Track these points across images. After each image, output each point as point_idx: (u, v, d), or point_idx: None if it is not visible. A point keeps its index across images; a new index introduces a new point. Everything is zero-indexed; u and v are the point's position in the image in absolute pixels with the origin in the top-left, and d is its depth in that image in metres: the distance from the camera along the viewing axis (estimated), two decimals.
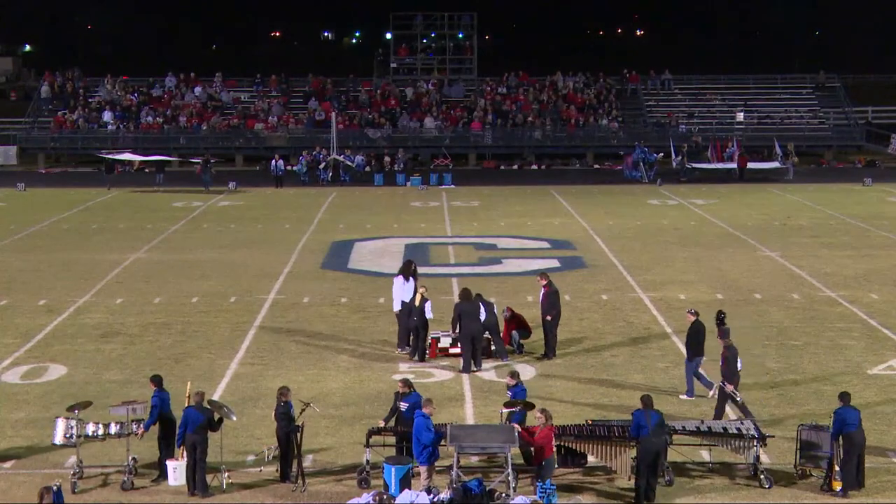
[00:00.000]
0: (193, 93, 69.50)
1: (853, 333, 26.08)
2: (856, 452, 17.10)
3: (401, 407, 17.89)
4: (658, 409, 17.19)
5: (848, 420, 17.16)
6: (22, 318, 27.75)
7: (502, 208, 47.49)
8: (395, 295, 24.85)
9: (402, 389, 18.07)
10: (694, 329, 21.77)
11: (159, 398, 17.77)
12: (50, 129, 66.35)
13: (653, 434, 16.72)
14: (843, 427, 17.10)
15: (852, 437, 17.15)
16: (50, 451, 18.48)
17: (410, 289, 24.70)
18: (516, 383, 18.66)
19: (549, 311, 23.96)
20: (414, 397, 17.86)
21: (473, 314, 23.25)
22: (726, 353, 19.87)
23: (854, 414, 17.26)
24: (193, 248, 37.63)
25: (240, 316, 27.87)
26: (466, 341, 23.13)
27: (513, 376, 18.88)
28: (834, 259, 35.05)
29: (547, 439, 16.77)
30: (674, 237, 39.55)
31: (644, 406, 17.01)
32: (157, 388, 17.92)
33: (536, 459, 16.86)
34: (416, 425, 16.87)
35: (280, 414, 17.45)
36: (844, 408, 17.27)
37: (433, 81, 70.89)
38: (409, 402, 17.79)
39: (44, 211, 46.28)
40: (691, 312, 22.16)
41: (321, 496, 16.97)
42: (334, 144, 58.20)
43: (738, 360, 19.96)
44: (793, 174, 56.64)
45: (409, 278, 24.84)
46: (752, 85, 72.17)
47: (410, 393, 17.99)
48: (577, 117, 67.17)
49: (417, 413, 17.06)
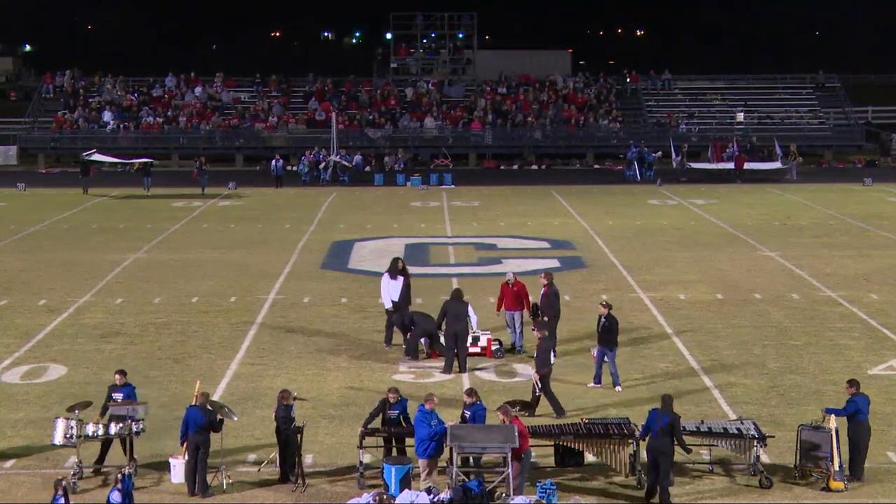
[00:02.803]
0: (193, 93, 69.52)
1: (853, 333, 26.08)
2: (865, 442, 17.26)
3: (390, 415, 17.82)
4: (676, 413, 17.07)
5: (862, 408, 17.40)
6: (22, 318, 27.75)
7: (502, 208, 47.49)
8: (383, 294, 24.98)
9: (392, 398, 17.95)
10: (608, 322, 21.92)
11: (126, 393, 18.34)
12: (50, 129, 66.37)
13: (658, 436, 16.74)
14: (857, 415, 17.26)
15: (863, 426, 17.37)
16: (50, 452, 18.48)
17: (398, 287, 24.69)
18: (474, 401, 17.77)
19: (547, 311, 23.94)
20: (402, 405, 17.88)
21: (461, 315, 23.11)
22: (542, 344, 20.39)
23: (866, 402, 17.57)
24: (193, 248, 37.64)
25: (240, 316, 27.87)
26: (450, 341, 23.05)
27: (469, 394, 18.03)
28: (834, 259, 35.05)
29: (522, 434, 16.75)
30: (674, 237, 39.55)
31: (661, 406, 17.02)
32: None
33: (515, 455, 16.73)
34: (415, 419, 17.03)
35: (281, 417, 17.46)
36: (860, 395, 17.53)
37: (433, 81, 70.90)
38: (398, 410, 17.81)
39: (44, 211, 46.28)
40: (604, 305, 22.35)
41: (321, 496, 16.98)
42: (334, 144, 58.22)
43: (552, 354, 20.50)
44: (796, 175, 56.48)
45: (396, 276, 24.87)
46: (752, 85, 72.19)
47: (399, 401, 17.93)
48: (577, 117, 67.18)
49: (419, 407, 17.12)
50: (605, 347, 21.90)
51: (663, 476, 16.60)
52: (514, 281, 24.51)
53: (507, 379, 22.77)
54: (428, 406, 17.13)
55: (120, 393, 18.35)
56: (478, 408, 17.71)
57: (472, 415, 17.58)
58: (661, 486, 16.60)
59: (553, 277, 24.72)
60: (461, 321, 23.05)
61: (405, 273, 25.34)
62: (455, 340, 22.98)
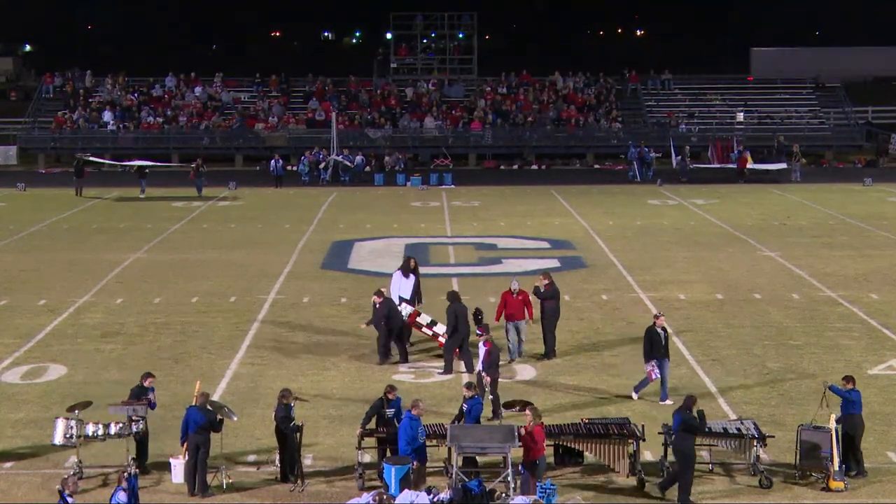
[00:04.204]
0: (193, 93, 69.51)
1: (853, 333, 26.08)
2: (860, 435, 17.43)
3: (386, 413, 17.87)
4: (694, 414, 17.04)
5: (857, 401, 17.58)
6: (22, 318, 27.75)
7: (502, 208, 47.49)
8: (393, 291, 24.90)
9: (391, 396, 18.02)
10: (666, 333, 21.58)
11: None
12: (50, 129, 66.38)
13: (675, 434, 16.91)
14: (852, 408, 17.35)
15: (857, 420, 17.47)
16: (50, 451, 18.50)
17: (409, 285, 24.70)
18: (473, 395, 17.96)
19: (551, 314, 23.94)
20: (396, 403, 17.93)
21: (466, 316, 23.13)
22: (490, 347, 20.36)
23: (860, 396, 17.76)
24: (193, 248, 37.64)
25: (240, 316, 27.87)
26: (458, 343, 22.94)
27: (469, 387, 18.21)
28: (834, 259, 35.05)
29: (539, 437, 16.76)
30: (674, 237, 39.55)
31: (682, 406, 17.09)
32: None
33: (527, 458, 16.74)
34: (401, 424, 17.06)
35: (281, 416, 17.46)
36: (855, 390, 17.72)
37: (433, 81, 70.91)
38: (394, 408, 17.86)
39: (44, 211, 46.28)
40: (659, 316, 21.87)
41: (321, 496, 16.99)
42: (334, 144, 58.22)
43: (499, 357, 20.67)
44: (800, 175, 56.31)
45: (408, 275, 24.91)
46: (752, 85, 72.14)
47: (394, 399, 17.98)
48: (577, 117, 67.18)
49: (406, 413, 17.11)
50: (663, 359, 21.12)
51: (678, 474, 16.64)
52: (518, 290, 23.86)
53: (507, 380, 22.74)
54: (415, 412, 17.11)
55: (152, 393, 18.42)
56: (475, 401, 17.92)
57: (469, 408, 17.74)
58: (679, 485, 16.63)
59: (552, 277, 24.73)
60: (467, 322, 23.04)
61: (416, 272, 25.44)
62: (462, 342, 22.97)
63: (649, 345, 21.02)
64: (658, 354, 20.95)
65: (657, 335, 21.03)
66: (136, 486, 15.68)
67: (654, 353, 20.93)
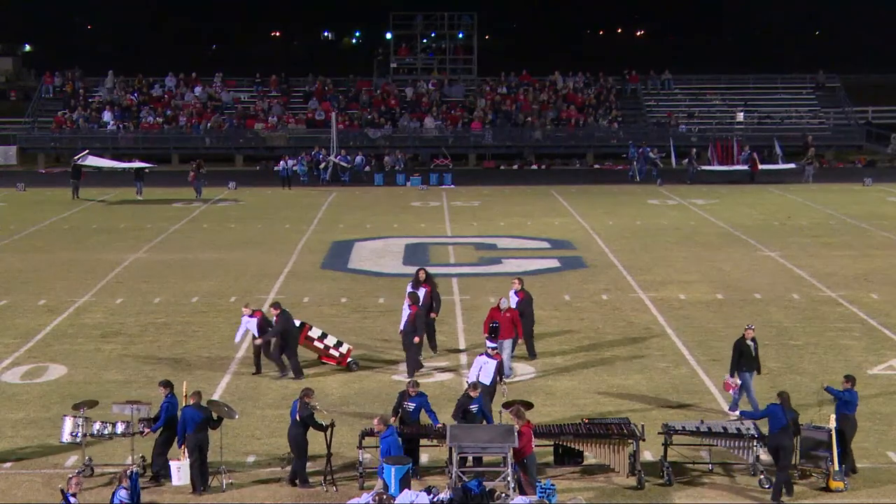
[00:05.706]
0: (193, 93, 69.51)
1: (853, 333, 26.08)
2: (852, 436, 17.47)
3: (408, 407, 18.04)
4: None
5: (852, 402, 17.64)
6: (22, 318, 27.76)
7: (502, 208, 47.49)
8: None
9: (412, 391, 18.20)
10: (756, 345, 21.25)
11: (170, 402, 17.73)
12: (50, 129, 66.39)
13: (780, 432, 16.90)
14: (846, 408, 17.38)
15: (850, 420, 17.52)
16: (50, 451, 18.51)
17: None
18: (479, 394, 18.15)
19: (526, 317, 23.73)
20: (420, 399, 18.08)
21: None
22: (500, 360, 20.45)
23: (856, 397, 17.83)
24: (193, 248, 37.63)
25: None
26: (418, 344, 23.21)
27: (475, 388, 18.27)
28: (834, 259, 35.05)
29: (527, 437, 16.75)
30: (674, 237, 39.55)
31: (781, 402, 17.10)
32: (168, 392, 17.88)
33: (516, 458, 16.72)
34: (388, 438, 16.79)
35: (307, 415, 17.36)
36: (852, 390, 17.76)
37: (433, 81, 70.92)
38: (416, 403, 18.04)
39: (44, 211, 46.29)
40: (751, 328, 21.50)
41: (321, 496, 16.98)
42: (334, 144, 58.21)
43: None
44: (811, 177, 55.98)
45: (418, 287, 24.42)
46: (752, 85, 72.17)
47: (418, 394, 18.16)
48: (577, 117, 67.18)
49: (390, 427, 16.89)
50: (751, 371, 20.61)
51: (782, 469, 16.65)
52: (507, 307, 23.18)
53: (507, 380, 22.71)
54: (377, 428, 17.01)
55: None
56: (479, 400, 18.17)
57: (479, 408, 18.09)
58: (777, 480, 16.64)
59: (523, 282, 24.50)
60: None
61: (429, 283, 24.62)
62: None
63: (738, 356, 20.45)
64: (747, 367, 20.42)
65: (747, 347, 20.48)
66: (137, 484, 15.68)
67: (742, 365, 20.42)
